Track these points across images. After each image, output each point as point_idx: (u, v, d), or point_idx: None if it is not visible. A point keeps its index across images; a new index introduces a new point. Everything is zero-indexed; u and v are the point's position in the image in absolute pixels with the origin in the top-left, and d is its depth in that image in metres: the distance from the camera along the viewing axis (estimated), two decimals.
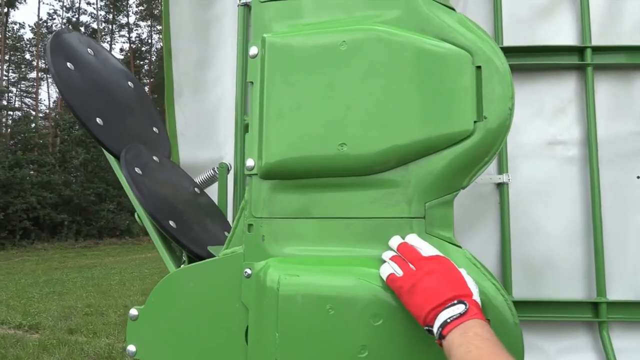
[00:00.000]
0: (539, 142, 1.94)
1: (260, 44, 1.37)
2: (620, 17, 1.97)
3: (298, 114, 1.28)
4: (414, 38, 1.25)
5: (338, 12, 1.34)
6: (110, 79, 1.88)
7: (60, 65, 1.62)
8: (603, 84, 1.95)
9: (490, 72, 1.22)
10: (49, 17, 41.91)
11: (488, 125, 1.20)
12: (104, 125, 1.65)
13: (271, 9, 1.40)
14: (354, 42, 1.28)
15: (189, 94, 2.39)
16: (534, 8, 2.00)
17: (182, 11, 2.37)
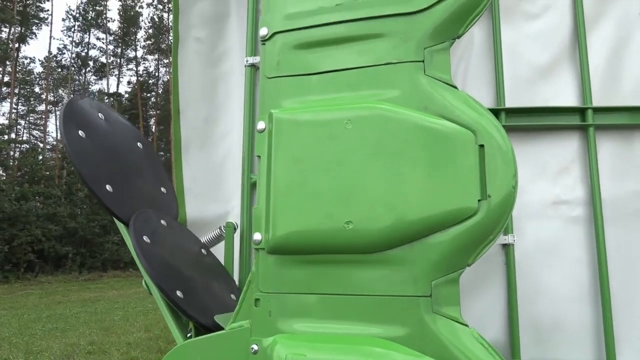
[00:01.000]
0: (544, 202, 1.95)
1: (267, 119, 1.41)
2: (619, 78, 2.01)
3: (305, 190, 1.31)
4: (417, 117, 1.28)
5: (344, 89, 1.38)
6: (120, 142, 1.93)
7: (72, 134, 1.66)
8: (606, 143, 1.97)
9: (493, 150, 1.24)
10: (59, 52, 42.86)
11: (492, 204, 1.22)
12: (113, 192, 1.68)
13: (279, 85, 1.44)
14: (359, 120, 1.31)
15: (196, 149, 2.43)
16: (535, 69, 2.04)
17: (191, 70, 2.44)
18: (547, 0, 2.08)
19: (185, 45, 2.43)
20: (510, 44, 2.06)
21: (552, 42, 2.05)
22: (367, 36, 1.37)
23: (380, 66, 1.35)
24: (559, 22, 2.06)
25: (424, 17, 1.34)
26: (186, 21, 2.43)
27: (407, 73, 1.32)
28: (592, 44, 2.03)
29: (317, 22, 1.42)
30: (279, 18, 1.47)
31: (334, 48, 1.40)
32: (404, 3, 1.35)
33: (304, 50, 1.43)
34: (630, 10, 2.05)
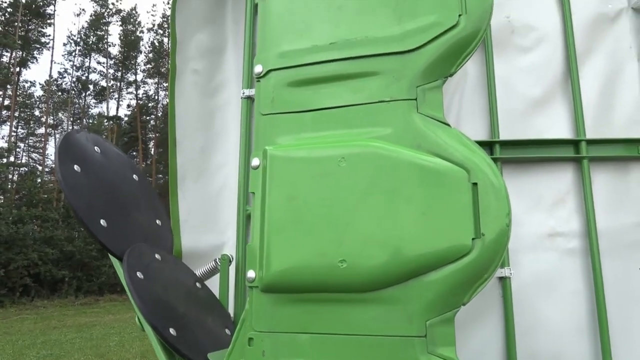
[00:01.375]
0: (539, 234, 1.95)
1: (261, 155, 1.41)
2: (612, 110, 2.03)
3: (299, 228, 1.31)
4: (410, 155, 1.29)
5: (338, 126, 1.39)
6: (115, 175, 1.93)
7: (67, 168, 1.66)
8: (600, 175, 1.98)
9: (486, 188, 1.24)
10: (60, 76, 43.24)
11: (486, 242, 1.21)
12: (108, 226, 1.67)
13: (273, 121, 1.45)
14: (352, 158, 1.31)
15: (192, 180, 2.43)
16: (528, 101, 2.06)
17: (188, 101, 2.45)
18: (538, 34, 2.12)
19: (183, 77, 2.45)
20: (503, 76, 2.09)
21: (545, 75, 2.08)
22: (360, 74, 1.39)
23: (374, 104, 1.36)
24: (551, 56, 2.09)
25: (416, 56, 1.35)
26: (184, 53, 2.45)
27: (400, 111, 1.34)
28: (584, 76, 2.05)
29: (311, 60, 1.43)
30: (274, 56, 1.49)
31: (328, 86, 1.41)
32: (396, 42, 1.37)
33: (298, 87, 1.44)
34: (621, 43, 2.08)
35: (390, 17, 1.40)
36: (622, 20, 2.11)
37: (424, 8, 1.38)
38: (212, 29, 2.54)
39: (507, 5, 2.15)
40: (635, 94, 2.03)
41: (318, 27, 1.46)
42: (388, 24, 1.40)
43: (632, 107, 2.02)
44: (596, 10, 2.12)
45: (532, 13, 2.14)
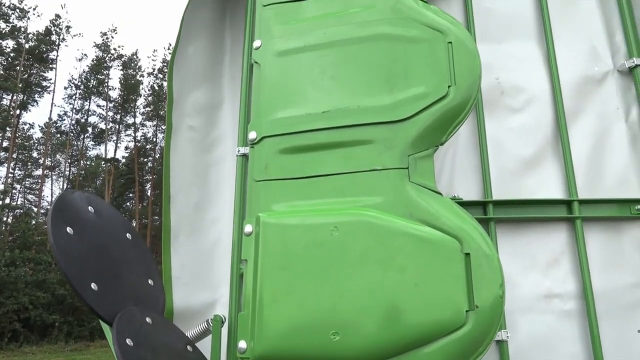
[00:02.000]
0: (535, 296, 1.93)
1: (254, 222, 1.41)
2: (603, 170, 2.05)
3: (291, 299, 1.29)
4: (403, 224, 1.29)
5: (331, 194, 1.40)
6: (109, 235, 1.92)
7: (60, 232, 1.65)
8: (594, 235, 1.98)
9: (479, 259, 1.24)
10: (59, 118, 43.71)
11: (480, 314, 1.20)
12: (98, 290, 1.65)
13: (267, 188, 1.46)
14: (345, 226, 1.32)
15: (185, 236, 2.42)
16: (520, 161, 2.09)
17: (183, 156, 2.47)
18: (528, 95, 2.16)
19: (178, 133, 2.47)
20: (494, 136, 2.12)
21: (535, 135, 2.11)
22: (352, 142, 1.41)
23: (366, 172, 1.38)
24: (540, 116, 2.13)
25: (408, 125, 1.38)
26: (180, 110, 2.49)
27: (392, 180, 1.35)
28: (574, 137, 2.09)
29: (304, 127, 1.46)
30: (267, 122, 1.51)
31: (321, 153, 1.43)
32: (388, 112, 1.40)
33: (291, 154, 1.46)
34: (608, 104, 2.13)
35: (382, 87, 1.43)
36: (608, 82, 2.16)
37: (415, 79, 1.42)
38: (209, 86, 2.59)
39: (496, 67, 2.21)
40: (624, 154, 2.06)
41: (311, 95, 1.49)
42: (380, 94, 1.43)
43: (621, 167, 2.04)
44: (583, 73, 2.18)
45: (521, 75, 2.20)
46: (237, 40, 2.66)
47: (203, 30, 2.62)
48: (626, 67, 2.14)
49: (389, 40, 1.47)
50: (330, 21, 1.54)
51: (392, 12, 1.50)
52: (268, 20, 1.62)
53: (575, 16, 2.29)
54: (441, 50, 1.42)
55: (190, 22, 2.54)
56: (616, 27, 2.24)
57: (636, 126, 2.08)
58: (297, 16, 1.61)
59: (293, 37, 1.57)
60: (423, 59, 1.43)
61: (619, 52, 2.19)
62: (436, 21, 1.46)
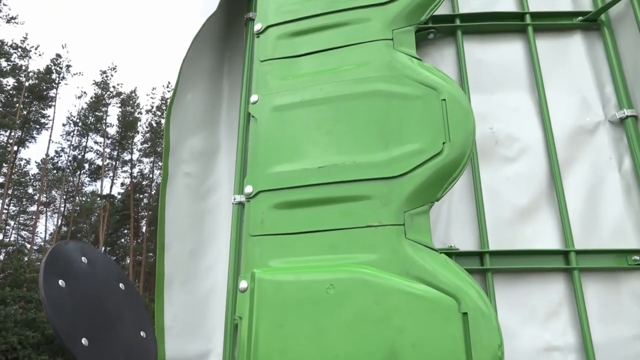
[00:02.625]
0: (535, 349, 1.89)
1: (249, 278, 1.40)
2: (598, 220, 2.05)
3: (286, 358, 1.26)
4: (399, 282, 1.28)
5: (327, 251, 1.39)
6: (101, 286, 1.90)
7: (51, 285, 1.63)
8: (592, 285, 1.97)
9: (476, 319, 1.23)
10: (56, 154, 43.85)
11: None
12: (89, 345, 1.61)
13: (262, 243, 1.45)
14: (341, 284, 1.30)
15: (179, 284, 2.39)
16: (515, 211, 2.09)
17: (179, 203, 2.46)
18: (521, 145, 2.19)
19: (174, 180, 2.48)
20: (490, 185, 2.13)
21: (530, 185, 2.13)
22: (348, 198, 1.42)
23: (362, 228, 1.37)
24: (535, 166, 2.15)
25: (403, 181, 1.39)
26: (176, 157, 2.50)
27: (388, 236, 1.35)
28: (569, 186, 2.10)
29: (300, 183, 1.47)
30: (264, 177, 1.52)
31: (317, 209, 1.43)
32: (383, 168, 1.41)
33: (287, 209, 1.46)
34: (601, 154, 2.16)
35: (377, 143, 1.45)
36: (600, 132, 2.19)
37: (410, 135, 1.43)
38: (206, 133, 2.61)
39: (490, 117, 2.24)
40: (619, 204, 2.07)
41: (307, 150, 1.51)
42: (375, 150, 1.44)
43: (617, 216, 2.05)
44: (575, 123, 2.21)
45: (515, 125, 2.23)
46: (235, 87, 2.70)
47: (201, 77, 2.66)
48: (617, 118, 2.18)
49: (383, 97, 1.49)
50: (327, 77, 1.57)
51: (387, 70, 1.53)
52: (265, 75, 1.65)
53: (566, 68, 2.34)
54: (435, 107, 1.45)
55: (188, 70, 2.58)
56: (606, 79, 2.29)
57: (629, 176, 2.10)
58: (294, 72, 1.64)
59: (290, 92, 1.59)
60: (417, 115, 1.45)
61: (610, 103, 2.24)
62: (430, 78, 1.49)
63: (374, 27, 1.63)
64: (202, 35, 2.54)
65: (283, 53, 1.70)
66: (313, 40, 1.68)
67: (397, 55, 1.55)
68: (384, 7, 1.66)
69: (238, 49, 2.75)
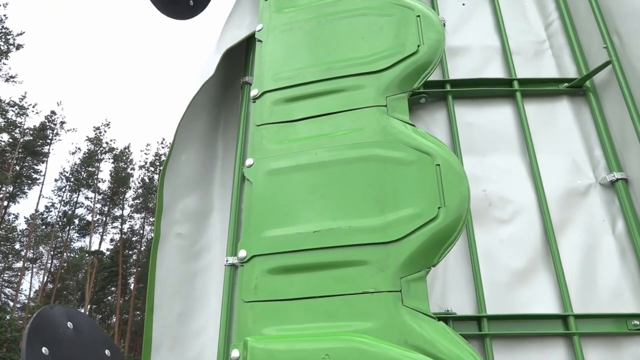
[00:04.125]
0: None
1: (242, 347, 1.35)
2: (596, 283, 2.03)
3: None
4: (397, 352, 1.24)
5: (322, 318, 1.35)
6: (86, 352, 1.82)
7: (34, 352, 1.57)
8: (593, 351, 1.91)
9: None
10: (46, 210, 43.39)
11: None
12: None
13: (255, 309, 1.41)
14: (336, 353, 1.26)
15: (167, 349, 2.30)
16: (512, 273, 2.07)
17: (169, 265, 2.42)
18: (515, 207, 2.20)
19: (166, 241, 2.44)
20: (485, 248, 2.12)
21: (525, 247, 2.12)
22: (344, 263, 1.40)
23: (358, 295, 1.35)
24: (529, 228, 2.15)
25: (399, 246, 1.38)
26: (169, 218, 2.48)
27: (385, 303, 1.32)
28: (564, 248, 2.09)
29: (295, 247, 1.45)
30: (258, 241, 1.50)
31: (311, 274, 1.41)
32: (379, 233, 1.41)
33: (281, 274, 1.44)
34: (594, 217, 2.17)
35: (372, 207, 1.45)
36: (592, 194, 2.22)
37: (405, 200, 1.44)
38: (199, 193, 2.61)
39: (483, 179, 2.26)
40: (615, 267, 2.05)
41: (302, 214, 1.50)
42: (371, 215, 1.44)
43: (614, 280, 2.03)
44: (567, 185, 2.24)
45: (507, 187, 2.25)
46: (229, 149, 2.73)
47: (196, 139, 2.69)
48: (607, 181, 2.21)
49: (378, 162, 1.51)
50: (322, 142, 1.59)
51: (382, 135, 1.55)
52: (261, 139, 1.67)
53: (555, 132, 2.40)
54: (430, 172, 1.46)
55: (184, 131, 2.61)
56: (594, 142, 2.34)
57: (624, 239, 2.10)
58: (289, 136, 1.66)
59: (285, 156, 1.61)
60: (412, 180, 1.46)
61: (599, 165, 2.27)
62: (424, 144, 1.52)
63: (368, 94, 1.67)
64: (198, 98, 2.59)
65: (279, 118, 1.72)
66: (308, 105, 1.71)
67: (391, 121, 1.58)
68: (378, 75, 1.71)
69: (233, 112, 2.80)
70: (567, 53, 2.60)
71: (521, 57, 2.61)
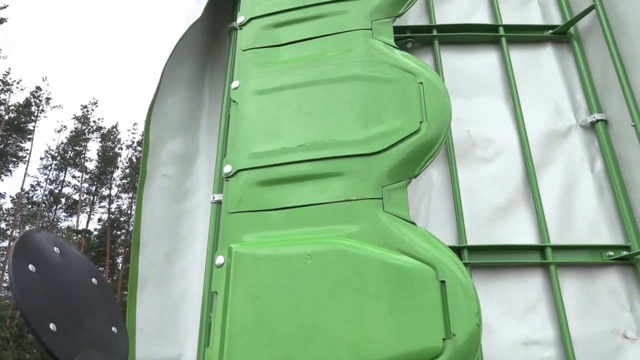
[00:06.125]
0: (514, 343, 1.88)
1: (226, 253, 1.38)
2: (573, 218, 2.09)
3: (262, 330, 1.24)
4: (378, 252, 1.28)
5: (305, 225, 1.38)
6: (73, 278, 1.83)
7: (21, 268, 1.58)
8: (569, 281, 1.98)
9: (454, 287, 1.22)
10: (32, 189, 42.93)
11: (457, 343, 1.17)
12: (57, 331, 1.55)
13: (240, 219, 1.44)
14: (319, 255, 1.30)
15: (153, 286, 2.33)
16: (493, 209, 2.12)
17: (155, 205, 2.44)
18: (497, 147, 2.24)
19: (152, 181, 2.46)
20: (467, 185, 2.16)
21: (507, 184, 2.16)
22: (327, 175, 1.42)
23: (341, 203, 1.38)
24: (510, 167, 2.20)
25: (381, 158, 1.41)
26: (155, 158, 2.49)
27: (366, 209, 1.35)
28: (544, 186, 2.14)
29: (280, 161, 1.47)
30: (243, 157, 1.52)
31: (296, 186, 1.44)
32: (362, 145, 1.43)
33: (266, 187, 1.46)
34: (574, 156, 2.22)
35: (356, 122, 1.47)
36: (572, 135, 2.26)
37: (388, 115, 1.46)
38: (186, 137, 2.62)
39: (466, 120, 2.30)
40: (593, 203, 2.11)
41: (287, 130, 1.52)
42: (354, 129, 1.47)
43: (591, 215, 2.09)
44: (549, 127, 2.28)
45: (490, 128, 2.29)
46: (216, 95, 2.74)
47: (183, 83, 2.69)
48: (588, 122, 2.25)
49: (363, 81, 1.53)
50: (307, 63, 1.60)
51: (366, 56, 1.57)
52: (246, 62, 1.68)
53: (539, 77, 2.44)
54: (413, 89, 1.49)
55: (170, 74, 2.61)
56: (576, 87, 2.38)
57: (601, 177, 2.16)
58: (275, 59, 1.67)
59: (271, 77, 1.62)
60: (396, 97, 1.49)
61: (581, 109, 2.32)
62: (407, 64, 1.54)
63: (354, 18, 1.68)
64: (185, 42, 2.58)
65: (265, 43, 1.73)
66: (294, 31, 1.72)
67: (375, 43, 1.60)
68: (363, 0, 1.72)
69: (220, 59, 2.80)
70: (553, 2, 2.63)
71: (508, 5, 2.63)
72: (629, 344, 1.90)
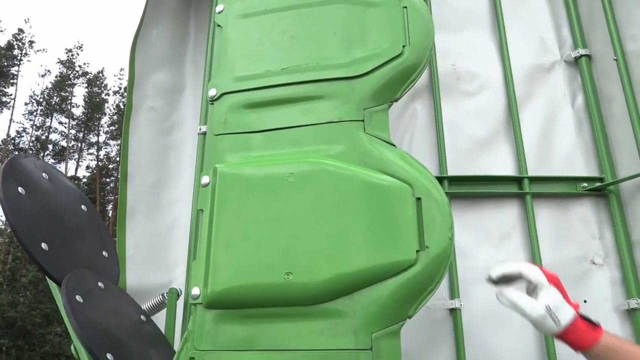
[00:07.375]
0: (488, 268, 1.97)
1: (212, 173, 1.42)
2: (551, 151, 2.15)
3: (246, 243, 1.30)
4: (357, 171, 1.33)
5: (288, 146, 1.42)
6: (62, 203, 1.88)
7: (10, 189, 1.61)
8: (543, 210, 2.06)
9: (429, 203, 1.28)
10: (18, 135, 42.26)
11: (430, 255, 1.24)
12: (49, 251, 1.61)
13: (225, 141, 1.47)
14: (301, 174, 1.34)
15: (141, 215, 2.39)
16: (474, 141, 2.17)
17: (142, 136, 2.46)
18: (481, 81, 2.26)
19: (138, 113, 2.47)
20: (450, 118, 2.20)
21: (489, 118, 2.21)
22: (310, 97, 1.45)
23: (323, 124, 1.41)
24: (493, 101, 2.23)
25: (364, 81, 1.43)
26: (141, 91, 2.48)
27: (347, 131, 1.39)
28: (525, 120, 2.19)
29: (263, 84, 1.49)
30: (228, 80, 1.54)
31: (279, 108, 1.46)
32: (345, 68, 1.45)
33: (250, 109, 1.48)
34: (556, 91, 2.25)
35: (339, 46, 1.48)
36: (556, 71, 2.29)
37: (371, 39, 1.48)
38: (171, 70, 2.60)
39: (452, 54, 2.31)
40: (571, 137, 2.17)
41: (271, 53, 1.53)
42: (337, 52, 1.48)
43: (569, 148, 2.15)
44: (533, 62, 2.30)
45: (475, 62, 2.30)
46: (201, 28, 2.70)
47: (168, 15, 2.64)
48: (572, 58, 2.27)
49: (347, 4, 1.53)
50: None
51: None
52: None
53: (526, 12, 2.43)
54: (396, 14, 1.49)
55: (155, 6, 2.56)
56: (563, 23, 2.38)
57: (581, 111, 2.20)
58: None
59: (255, 1, 1.61)
60: (379, 21, 1.49)
61: (566, 44, 2.33)
62: None
63: None
64: None
65: None
66: None
67: None
68: None
69: None
70: None
71: None
72: (595, 269, 2.00)
